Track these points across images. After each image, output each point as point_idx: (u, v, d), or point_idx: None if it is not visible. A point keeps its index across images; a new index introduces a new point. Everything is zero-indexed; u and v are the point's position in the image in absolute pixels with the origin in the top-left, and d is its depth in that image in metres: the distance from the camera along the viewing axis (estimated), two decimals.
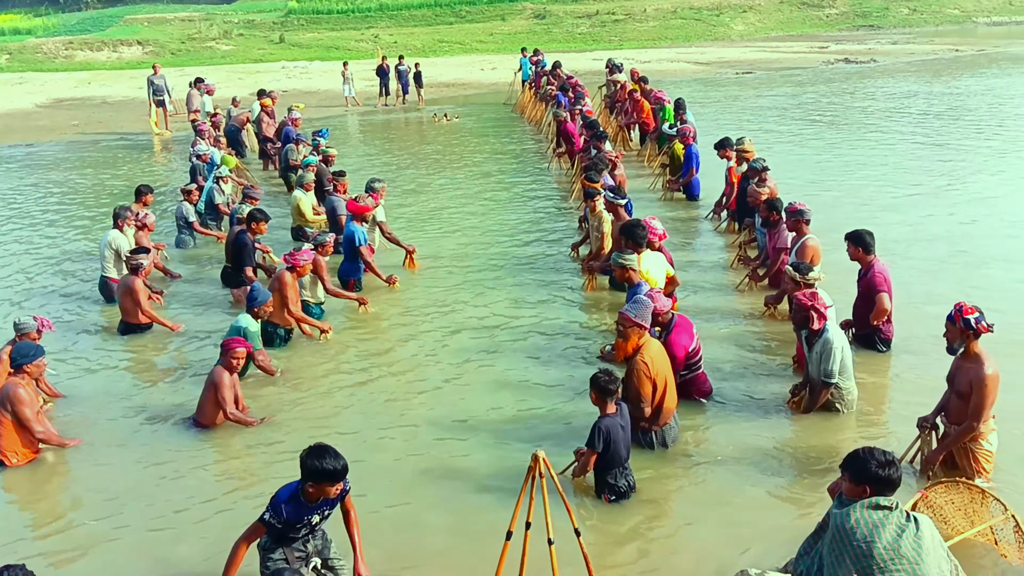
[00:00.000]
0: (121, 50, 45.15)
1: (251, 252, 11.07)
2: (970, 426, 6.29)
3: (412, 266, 12.08)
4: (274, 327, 9.58)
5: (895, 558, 4.31)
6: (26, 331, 8.28)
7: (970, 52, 41.67)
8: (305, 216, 13.49)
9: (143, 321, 10.12)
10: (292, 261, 9.64)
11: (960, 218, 13.64)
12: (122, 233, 11.42)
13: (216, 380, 7.71)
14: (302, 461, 4.97)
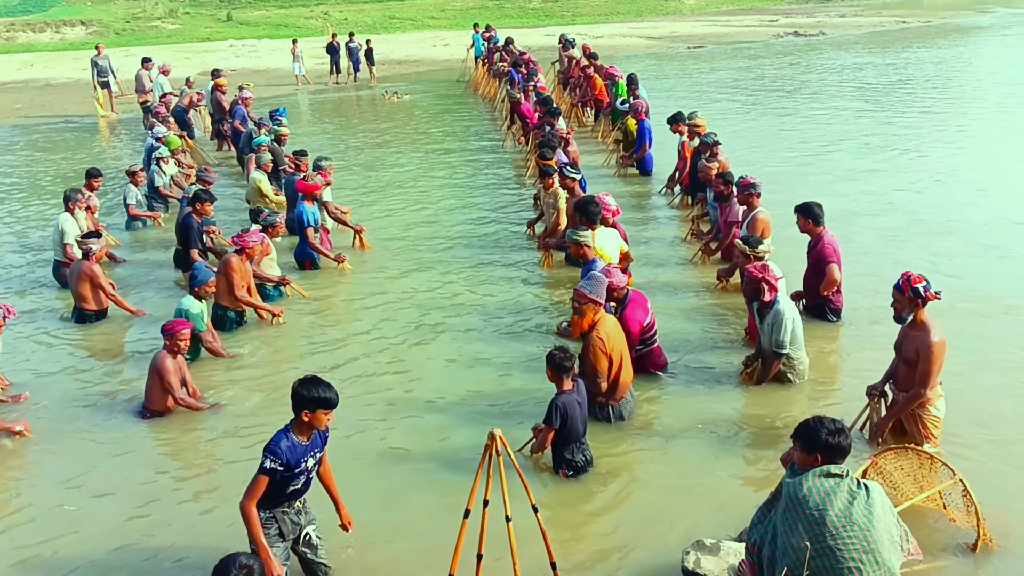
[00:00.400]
0: (64, 31, 44.00)
1: (197, 233, 10.91)
2: (917, 393, 6.42)
3: (363, 246, 11.98)
4: (224, 310, 9.47)
5: (847, 525, 4.39)
6: None
7: (916, 23, 42.21)
8: (267, 197, 13.32)
9: (102, 307, 9.93)
10: (241, 243, 9.48)
11: (915, 188, 13.88)
12: (73, 216, 11.18)
13: (159, 366, 7.58)
14: (296, 392, 5.01)
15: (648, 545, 5.77)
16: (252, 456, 6.92)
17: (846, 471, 4.56)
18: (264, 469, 5.00)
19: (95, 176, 12.57)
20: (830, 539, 4.39)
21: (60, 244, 11.04)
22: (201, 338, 8.56)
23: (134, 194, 13.43)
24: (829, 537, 4.39)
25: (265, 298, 10.02)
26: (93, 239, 9.95)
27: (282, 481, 5.08)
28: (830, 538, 4.39)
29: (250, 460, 6.91)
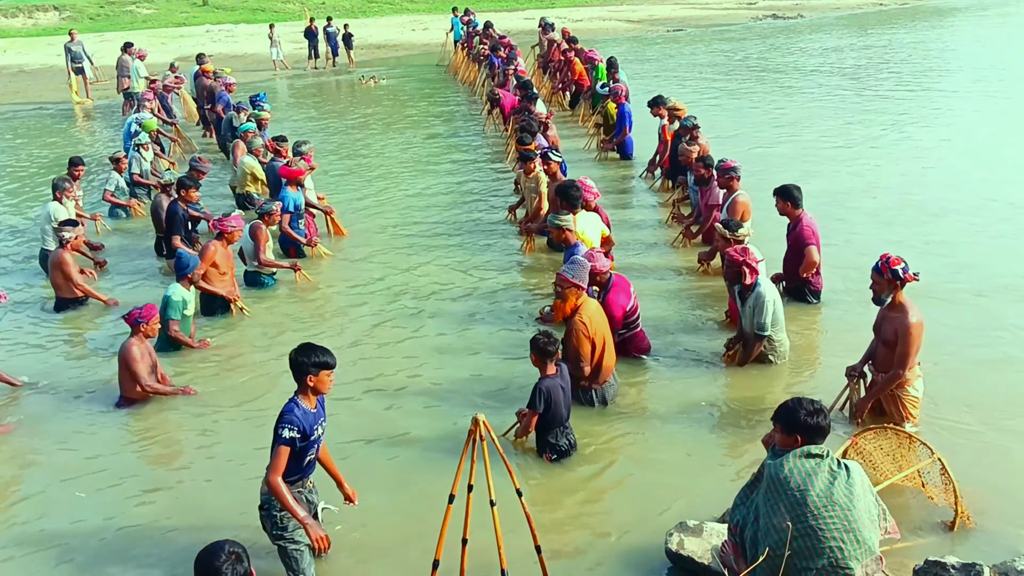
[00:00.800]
0: (37, 16, 43.35)
1: (181, 220, 10.83)
2: (896, 374, 6.48)
3: (337, 231, 11.91)
4: (211, 298, 9.42)
5: (828, 505, 4.44)
6: None
7: (894, 6, 42.37)
8: (261, 181, 13.24)
9: (77, 295, 9.86)
10: (220, 227, 9.36)
11: (899, 170, 13.96)
12: (62, 205, 11.06)
13: (126, 355, 7.54)
14: (295, 361, 5.11)
15: (632, 527, 5.81)
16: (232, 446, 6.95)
17: (826, 451, 4.61)
18: (284, 439, 5.04)
19: (77, 164, 12.43)
20: (811, 519, 4.44)
21: (47, 233, 10.90)
22: (168, 326, 8.50)
23: (114, 181, 13.30)
24: (811, 517, 4.44)
25: (261, 285, 9.98)
26: (68, 227, 9.85)
27: (300, 451, 5.14)
28: (811, 518, 4.44)
29: (230, 449, 6.96)
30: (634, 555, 5.56)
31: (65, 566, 5.76)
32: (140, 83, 20.74)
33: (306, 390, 5.17)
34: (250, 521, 5.55)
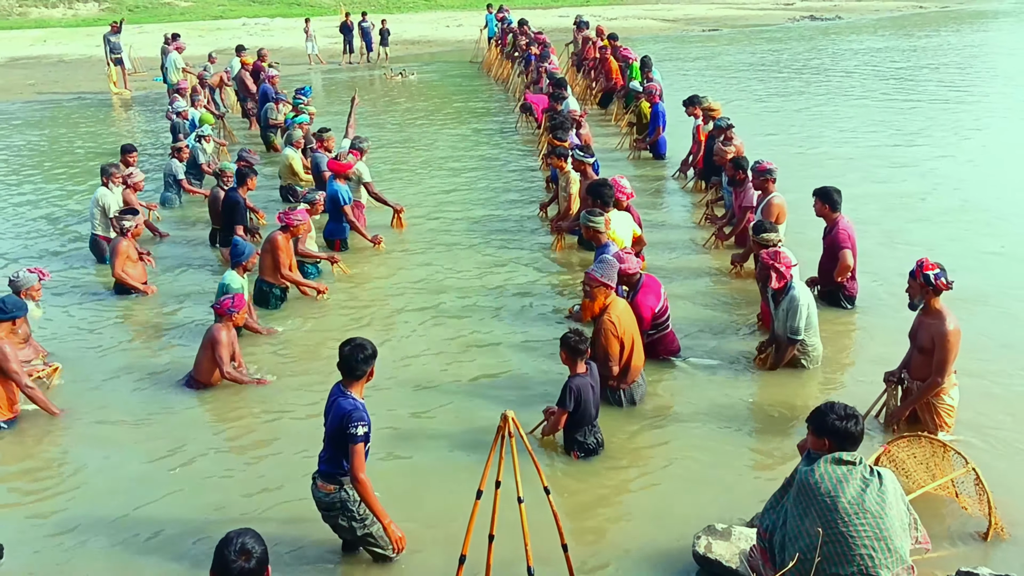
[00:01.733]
0: (77, 7, 43.91)
1: (243, 211, 10.95)
2: (934, 382, 6.38)
3: (400, 225, 11.98)
4: (269, 286, 9.49)
5: (859, 512, 4.38)
6: (25, 286, 8.01)
7: (934, 8, 41.86)
8: (298, 175, 13.33)
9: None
10: (286, 220, 9.46)
11: (941, 174, 13.79)
12: (109, 190, 11.18)
13: (214, 337, 7.65)
14: (350, 357, 5.27)
15: (659, 529, 5.77)
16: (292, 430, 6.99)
17: (859, 458, 4.55)
18: (362, 437, 5.18)
19: (130, 151, 12.54)
20: (842, 525, 4.39)
21: (97, 218, 11.05)
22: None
23: (181, 169, 13.40)
24: (841, 523, 4.39)
25: (304, 275, 10.07)
26: (128, 216, 9.96)
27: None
28: (842, 524, 4.39)
29: (292, 430, 7.00)
30: (660, 557, 5.52)
31: (134, 544, 5.83)
32: (175, 75, 20.91)
33: (360, 383, 5.32)
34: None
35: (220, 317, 7.80)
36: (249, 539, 3.75)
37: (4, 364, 7.14)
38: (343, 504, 5.34)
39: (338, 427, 5.21)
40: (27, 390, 7.28)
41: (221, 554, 3.72)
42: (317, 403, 7.43)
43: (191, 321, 9.32)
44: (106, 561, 5.71)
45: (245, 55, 19.62)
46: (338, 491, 5.33)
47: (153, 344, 8.91)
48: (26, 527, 6.06)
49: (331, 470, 5.34)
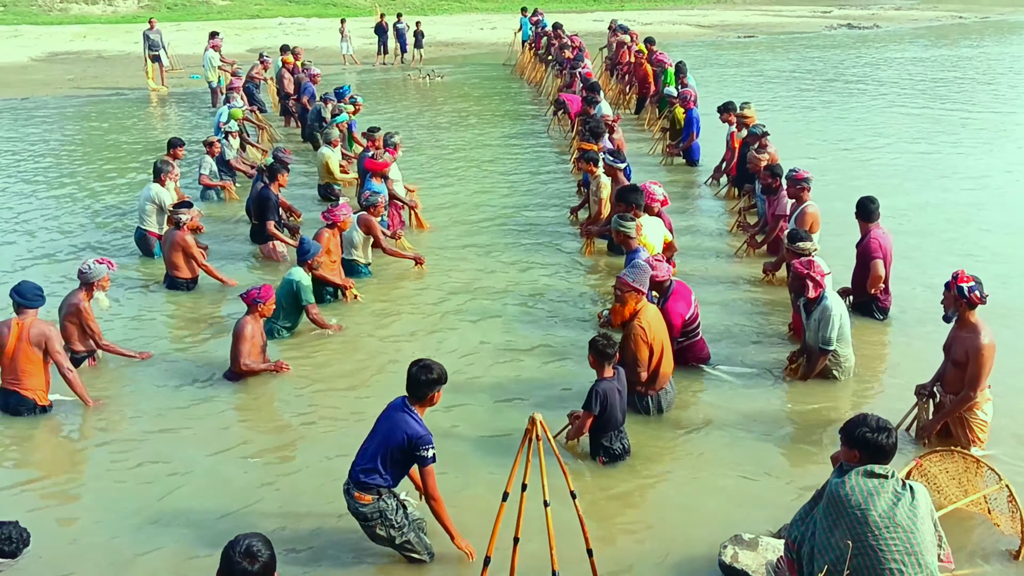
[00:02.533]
0: (116, 4, 44.45)
1: (275, 207, 11.03)
2: (967, 396, 6.30)
3: (420, 226, 12.00)
4: (321, 285, 9.55)
5: (890, 526, 4.33)
6: (97, 277, 8.10)
7: (973, 19, 41.36)
8: (333, 173, 13.43)
9: (194, 275, 10.08)
10: (332, 217, 9.53)
11: (983, 186, 13.65)
12: (164, 187, 11.30)
13: (239, 330, 7.77)
14: (418, 378, 5.32)
15: (685, 536, 5.74)
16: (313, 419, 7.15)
17: (891, 472, 4.49)
18: (432, 459, 5.28)
19: (177, 145, 12.68)
20: (872, 539, 4.33)
21: (148, 214, 11.14)
22: (308, 310, 8.71)
23: (208, 164, 13.52)
24: (871, 537, 4.33)
25: (357, 275, 10.13)
26: (184, 209, 10.07)
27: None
28: (872, 538, 4.33)
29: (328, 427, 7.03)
30: (685, 565, 5.48)
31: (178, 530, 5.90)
32: (213, 73, 21.12)
33: (424, 406, 5.37)
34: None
35: (249, 308, 7.87)
36: (257, 541, 3.73)
37: (50, 346, 7.28)
38: (382, 514, 5.37)
39: (403, 446, 5.27)
40: (68, 373, 7.38)
41: (227, 555, 3.72)
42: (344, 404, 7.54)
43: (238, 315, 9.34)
44: (131, 551, 5.76)
45: (288, 55, 19.84)
46: (376, 501, 5.35)
47: (203, 337, 8.99)
48: (42, 517, 6.15)
49: (369, 480, 5.36)
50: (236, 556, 3.69)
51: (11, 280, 8.68)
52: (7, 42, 33.54)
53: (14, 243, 11.90)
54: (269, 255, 11.01)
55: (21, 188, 14.70)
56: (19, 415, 7.34)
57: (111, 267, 8.26)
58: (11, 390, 7.33)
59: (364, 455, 5.40)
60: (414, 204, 12.08)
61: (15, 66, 28.76)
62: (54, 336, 7.34)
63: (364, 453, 5.41)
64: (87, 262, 8.17)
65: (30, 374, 7.30)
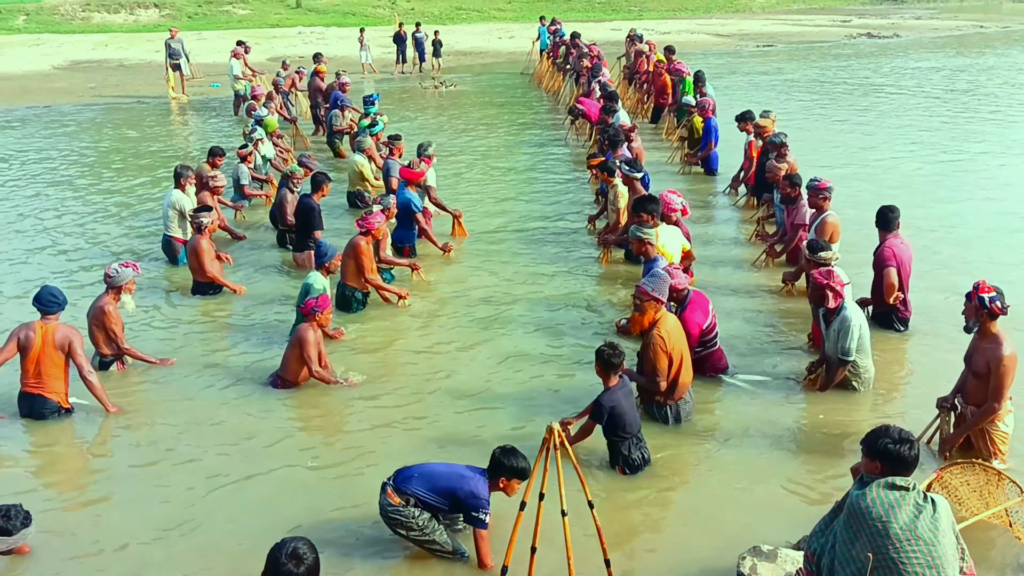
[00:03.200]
0: (138, 13, 44.87)
1: (318, 216, 11.11)
2: (991, 407, 6.24)
3: (461, 233, 12.08)
4: (351, 291, 9.59)
5: (911, 539, 4.29)
6: (124, 281, 8.21)
7: (994, 28, 41.13)
8: (367, 180, 13.50)
9: (207, 281, 10.15)
10: (366, 225, 9.52)
11: (1004, 198, 13.53)
12: (184, 193, 11.37)
13: (303, 337, 7.76)
14: (500, 461, 5.39)
15: (703, 547, 5.71)
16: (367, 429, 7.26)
17: (912, 484, 4.45)
18: (485, 524, 5.39)
19: (219, 155, 12.78)
20: (893, 552, 4.29)
21: (171, 220, 11.22)
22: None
23: (246, 174, 13.59)
24: (892, 550, 4.29)
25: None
26: (204, 213, 10.16)
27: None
28: (893, 551, 4.29)
29: (370, 432, 7.05)
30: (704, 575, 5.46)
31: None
32: (238, 82, 21.30)
33: (495, 487, 5.41)
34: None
35: (305, 317, 7.91)
36: (303, 545, 3.80)
37: (72, 349, 7.36)
38: (405, 519, 5.49)
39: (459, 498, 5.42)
40: (88, 376, 7.44)
41: (274, 557, 3.77)
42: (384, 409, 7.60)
43: (266, 322, 9.49)
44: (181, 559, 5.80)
45: (320, 64, 20.03)
46: (404, 507, 5.48)
47: (231, 344, 9.05)
48: (74, 518, 6.19)
49: (407, 489, 5.52)
50: (283, 558, 3.77)
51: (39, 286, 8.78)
52: (30, 50, 33.94)
53: (45, 248, 12.06)
54: (303, 263, 11.02)
55: (51, 194, 14.89)
56: (43, 418, 7.43)
57: (136, 271, 8.36)
58: (35, 393, 7.42)
59: (424, 476, 5.57)
60: (458, 213, 12.14)
61: (37, 74, 29.09)
62: (77, 340, 7.43)
63: (425, 474, 5.59)
64: (113, 266, 8.26)
65: (54, 377, 7.40)
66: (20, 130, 20.69)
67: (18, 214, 13.69)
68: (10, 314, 9.46)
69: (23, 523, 5.32)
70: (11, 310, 9.69)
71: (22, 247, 12.08)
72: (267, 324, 9.42)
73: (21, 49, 34.35)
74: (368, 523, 5.88)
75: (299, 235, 11.21)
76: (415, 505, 5.50)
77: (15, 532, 5.26)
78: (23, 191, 15.12)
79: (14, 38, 37.73)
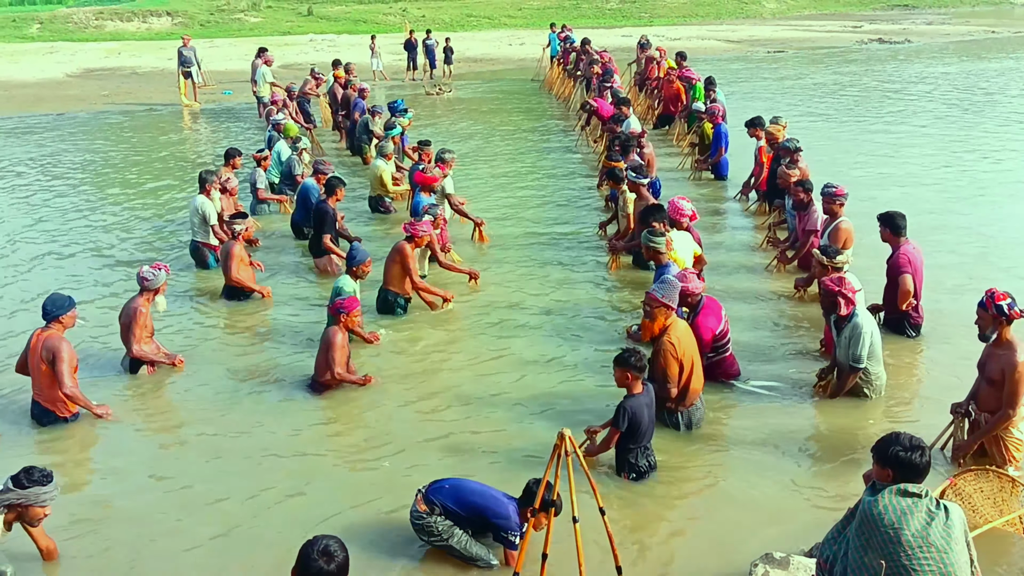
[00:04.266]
0: (151, 21, 45.13)
1: (332, 220, 11.13)
2: (1005, 414, 6.20)
3: (482, 239, 12.10)
4: (395, 296, 9.61)
5: (924, 546, 4.26)
6: (159, 284, 8.32)
7: (1007, 33, 40.97)
8: (386, 186, 13.55)
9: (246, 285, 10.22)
10: (412, 231, 9.53)
11: (1005, 202, 13.47)
12: (208, 198, 11.41)
13: (330, 339, 7.81)
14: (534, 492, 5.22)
15: (715, 554, 5.70)
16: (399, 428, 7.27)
17: (925, 491, 4.43)
18: (516, 546, 5.43)
19: (236, 155, 12.82)
20: (905, 559, 4.27)
21: (197, 225, 11.27)
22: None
23: (262, 178, 13.63)
24: (904, 557, 4.27)
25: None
26: (239, 220, 10.21)
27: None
28: (905, 557, 4.27)
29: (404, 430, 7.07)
30: None
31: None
32: (264, 88, 21.43)
33: (524, 517, 5.44)
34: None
35: (333, 319, 7.94)
36: (333, 542, 3.85)
37: (55, 360, 7.32)
38: (427, 525, 5.61)
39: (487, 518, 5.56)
40: (66, 390, 7.38)
41: (305, 553, 3.82)
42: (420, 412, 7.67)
43: (296, 326, 9.54)
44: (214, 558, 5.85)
45: (339, 70, 20.17)
46: (429, 515, 5.60)
47: (262, 348, 9.11)
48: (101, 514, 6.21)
49: (435, 498, 5.63)
50: (314, 554, 3.80)
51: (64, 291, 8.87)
52: (44, 58, 34.17)
53: (74, 255, 12.16)
54: (325, 268, 11.06)
55: (75, 201, 15.01)
56: (44, 425, 7.51)
57: (167, 271, 8.50)
58: (35, 400, 7.51)
59: (455, 488, 5.70)
60: (480, 221, 12.17)
61: (51, 82, 29.27)
62: (58, 350, 7.36)
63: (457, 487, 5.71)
64: (146, 269, 8.38)
65: (45, 386, 7.43)
66: (43, 135, 20.85)
67: (37, 218, 13.86)
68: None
69: (39, 480, 5.30)
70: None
71: (35, 253, 12.17)
72: (290, 327, 9.50)
73: (35, 57, 34.58)
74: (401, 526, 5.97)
75: (313, 239, 11.24)
76: (440, 514, 5.60)
77: (28, 487, 5.25)
78: (44, 195, 15.29)
79: (28, 46, 38.00)
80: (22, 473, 5.29)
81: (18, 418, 7.66)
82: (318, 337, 8.28)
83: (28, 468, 5.33)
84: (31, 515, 5.34)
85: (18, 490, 5.23)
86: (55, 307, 7.48)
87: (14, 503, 5.24)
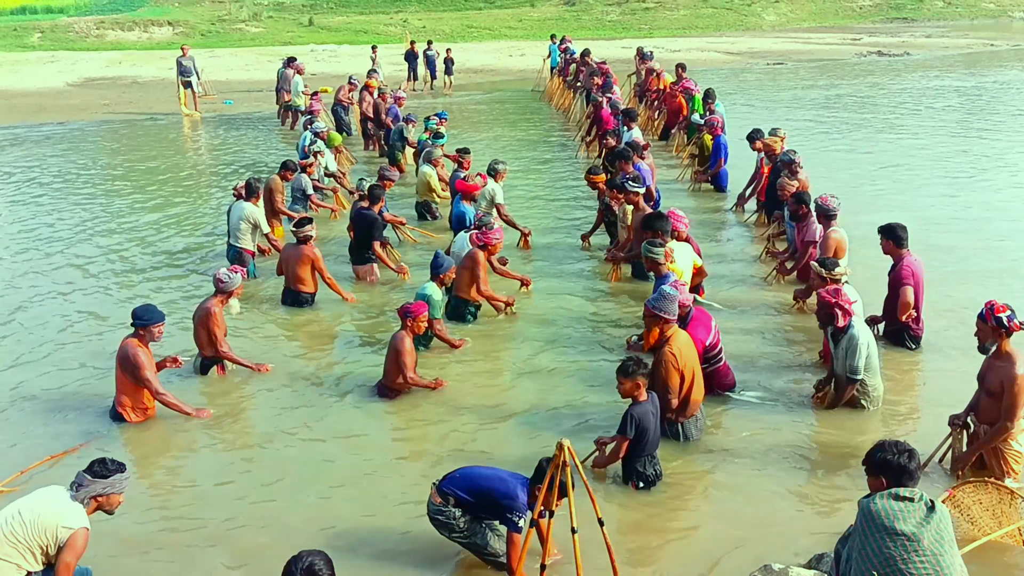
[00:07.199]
0: (152, 30, 45.25)
1: (380, 227, 11.15)
2: (1003, 426, 6.21)
3: (526, 247, 12.22)
4: (465, 303, 9.65)
5: (918, 550, 4.29)
6: (235, 286, 8.41)
7: (1005, 46, 41.09)
8: (435, 191, 13.55)
9: (314, 290, 10.22)
10: (484, 239, 9.59)
11: (1005, 216, 13.49)
12: (256, 206, 11.41)
13: (397, 344, 7.86)
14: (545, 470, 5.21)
15: (714, 565, 5.69)
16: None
17: (918, 494, 4.45)
18: (521, 529, 5.35)
19: (289, 168, 12.92)
20: (900, 563, 4.28)
21: (243, 232, 11.22)
22: (432, 325, 8.69)
23: (308, 184, 13.56)
24: (899, 560, 4.29)
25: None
26: (308, 224, 10.22)
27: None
28: (900, 561, 4.29)
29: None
30: None
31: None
32: (300, 98, 21.50)
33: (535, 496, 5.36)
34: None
35: (401, 321, 7.99)
36: (319, 560, 3.80)
37: (138, 373, 7.52)
38: (446, 519, 5.60)
39: (494, 498, 5.47)
40: (159, 397, 7.64)
41: (289, 571, 3.76)
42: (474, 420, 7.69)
43: (354, 331, 9.64)
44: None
45: (372, 79, 20.32)
46: (444, 507, 5.59)
47: (322, 353, 9.16)
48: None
49: (447, 488, 5.63)
50: (297, 572, 3.74)
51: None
52: (44, 68, 34.26)
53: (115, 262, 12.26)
54: (364, 277, 11.04)
55: (98, 207, 15.11)
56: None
57: (244, 276, 8.62)
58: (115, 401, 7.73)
59: (465, 476, 5.69)
60: (527, 231, 12.29)
61: (52, 91, 29.34)
62: (135, 357, 7.52)
63: (467, 475, 5.71)
64: (223, 272, 8.50)
65: (120, 391, 7.67)
66: (59, 145, 20.88)
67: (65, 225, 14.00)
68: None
69: (117, 468, 5.34)
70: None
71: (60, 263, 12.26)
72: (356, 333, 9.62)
73: (36, 66, 34.68)
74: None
75: (359, 247, 11.16)
76: (455, 505, 5.57)
77: (110, 475, 5.28)
78: (62, 203, 15.40)
79: (29, 55, 38.12)
80: (97, 464, 5.31)
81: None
82: (371, 342, 8.44)
83: (101, 459, 5.36)
84: (111, 503, 5.38)
85: (102, 480, 5.25)
86: (143, 317, 7.61)
87: (100, 493, 5.27)
